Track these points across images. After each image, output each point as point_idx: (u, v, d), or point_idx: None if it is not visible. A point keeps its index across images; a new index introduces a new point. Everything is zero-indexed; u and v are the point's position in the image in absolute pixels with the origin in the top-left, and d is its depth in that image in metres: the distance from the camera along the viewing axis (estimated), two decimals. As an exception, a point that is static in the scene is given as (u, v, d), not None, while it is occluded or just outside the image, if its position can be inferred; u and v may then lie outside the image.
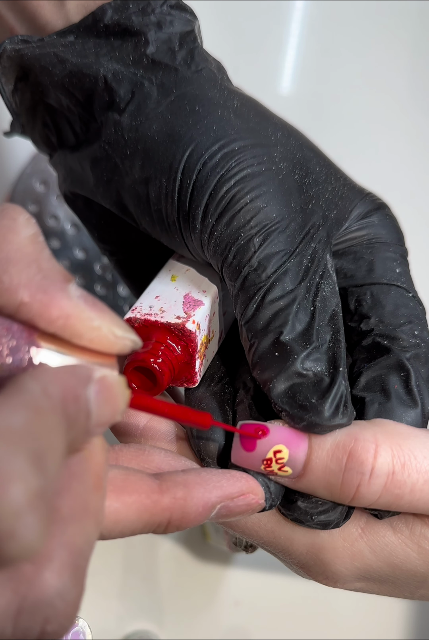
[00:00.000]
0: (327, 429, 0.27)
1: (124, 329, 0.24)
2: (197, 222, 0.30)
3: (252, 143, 0.31)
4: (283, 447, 0.27)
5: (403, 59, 0.65)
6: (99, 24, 0.32)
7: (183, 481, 0.26)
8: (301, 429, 0.27)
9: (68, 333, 0.23)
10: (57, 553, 0.20)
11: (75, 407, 0.21)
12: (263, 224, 0.29)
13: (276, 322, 0.28)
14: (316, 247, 0.30)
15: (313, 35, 0.63)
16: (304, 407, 0.27)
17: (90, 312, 0.23)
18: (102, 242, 0.38)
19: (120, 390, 0.23)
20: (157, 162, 0.31)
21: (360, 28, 0.64)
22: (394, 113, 0.64)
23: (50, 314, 0.22)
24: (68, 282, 0.23)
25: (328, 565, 0.29)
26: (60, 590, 0.20)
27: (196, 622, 0.56)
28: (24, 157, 0.59)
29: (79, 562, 0.21)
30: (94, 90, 0.32)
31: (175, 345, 0.30)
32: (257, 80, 0.62)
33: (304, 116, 0.60)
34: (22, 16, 0.33)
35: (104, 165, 0.33)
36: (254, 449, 0.27)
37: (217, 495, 0.26)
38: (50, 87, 0.33)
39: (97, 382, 0.22)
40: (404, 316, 0.31)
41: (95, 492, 0.22)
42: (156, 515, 0.25)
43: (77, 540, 0.21)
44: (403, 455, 0.27)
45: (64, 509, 0.21)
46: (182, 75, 0.32)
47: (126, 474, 0.25)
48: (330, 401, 0.27)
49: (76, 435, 0.21)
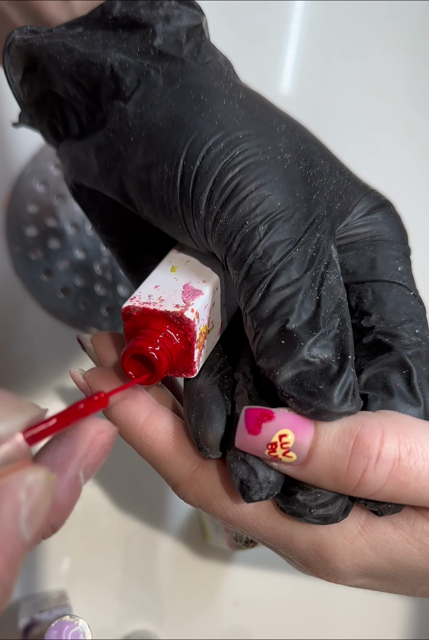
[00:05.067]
0: (335, 415, 0.27)
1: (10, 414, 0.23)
2: (201, 208, 0.30)
3: (257, 132, 0.31)
4: (289, 431, 0.27)
5: (403, 58, 0.65)
6: (107, 16, 0.33)
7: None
8: (308, 416, 0.27)
9: None
10: None
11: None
12: (268, 212, 0.29)
13: (282, 311, 0.28)
14: (321, 237, 0.30)
15: (313, 35, 0.64)
16: (312, 393, 0.27)
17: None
18: (104, 233, 0.38)
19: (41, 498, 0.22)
20: (160, 148, 0.31)
21: (360, 28, 0.64)
22: (393, 113, 0.64)
23: None
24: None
25: (328, 562, 0.29)
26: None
27: (196, 622, 0.56)
28: (24, 157, 0.60)
29: None
30: (101, 79, 0.32)
31: (173, 334, 0.30)
32: (257, 80, 0.62)
33: (304, 116, 0.60)
34: (26, 12, 0.34)
35: (107, 152, 0.33)
36: (259, 432, 0.27)
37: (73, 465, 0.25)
38: (57, 76, 0.33)
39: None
40: (405, 314, 0.31)
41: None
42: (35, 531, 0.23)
43: None
44: (409, 442, 0.26)
45: None
46: (189, 66, 0.32)
47: None
48: (339, 388, 0.27)
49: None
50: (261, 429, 0.27)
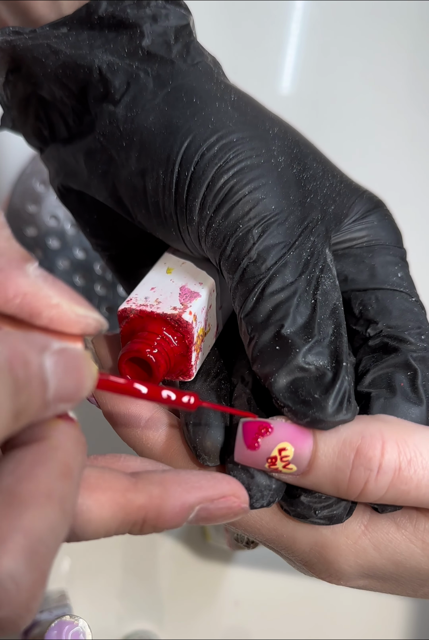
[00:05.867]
0: (331, 424, 0.27)
1: (86, 307, 0.23)
2: (195, 214, 0.30)
3: (251, 135, 0.30)
4: (288, 444, 0.27)
5: (403, 58, 0.65)
6: (93, 16, 0.32)
7: (160, 480, 0.25)
8: (304, 425, 0.27)
9: (26, 312, 0.22)
10: (12, 535, 0.19)
11: (24, 372, 0.20)
12: (262, 215, 0.29)
13: (277, 315, 0.28)
14: (315, 241, 0.30)
15: (313, 35, 0.63)
16: (307, 402, 0.26)
17: (49, 290, 0.22)
18: (94, 237, 0.38)
19: (84, 363, 0.22)
20: (154, 153, 0.31)
21: (360, 28, 0.64)
22: (394, 112, 0.64)
23: (6, 292, 0.22)
24: (26, 262, 0.22)
25: (331, 563, 0.29)
26: (12, 573, 0.19)
27: (196, 622, 0.56)
28: (24, 157, 0.59)
29: (37, 548, 0.20)
30: (89, 81, 0.32)
31: (171, 337, 0.30)
32: (257, 80, 0.62)
33: (304, 116, 0.60)
34: (15, 9, 0.33)
35: (98, 157, 0.32)
36: (258, 447, 0.27)
37: (196, 496, 0.25)
38: (43, 78, 0.32)
39: (55, 352, 0.21)
40: (411, 321, 0.31)
41: (63, 480, 0.21)
42: (131, 515, 0.24)
43: (36, 525, 0.20)
44: (409, 451, 0.26)
45: (24, 494, 0.20)
46: (179, 68, 0.32)
47: (100, 472, 0.24)
48: (334, 396, 0.26)
49: (29, 404, 0.20)
50: (260, 444, 0.27)
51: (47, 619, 0.46)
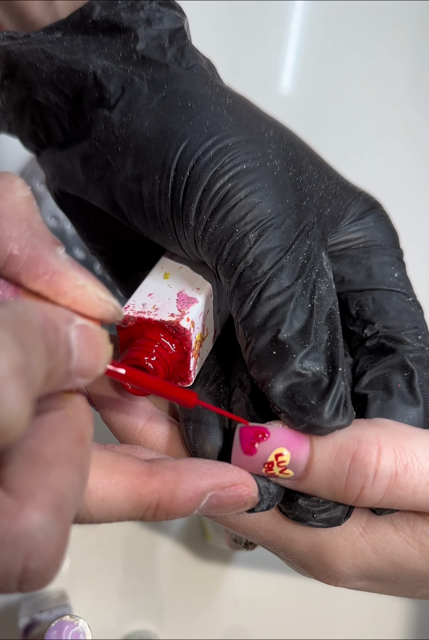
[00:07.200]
0: (327, 430, 0.27)
1: (107, 294, 0.24)
2: (191, 219, 0.30)
3: (246, 139, 0.30)
4: (285, 450, 0.27)
5: (403, 59, 0.65)
6: (87, 20, 0.32)
7: (174, 466, 0.26)
8: (301, 431, 0.27)
9: (53, 290, 0.23)
10: (40, 491, 0.21)
11: (55, 337, 0.21)
12: (258, 219, 0.29)
13: (273, 320, 0.28)
14: (312, 245, 0.30)
15: (313, 35, 0.63)
16: (303, 408, 0.26)
17: (76, 272, 0.23)
18: (91, 241, 0.38)
19: (103, 340, 0.24)
20: (150, 158, 0.31)
21: (360, 28, 0.64)
22: (393, 113, 0.64)
23: (37, 268, 0.23)
24: (57, 245, 0.24)
25: (329, 565, 0.29)
26: (42, 525, 0.20)
27: (196, 622, 0.56)
28: (24, 157, 0.59)
29: (62, 505, 0.21)
30: (83, 86, 0.32)
31: (169, 344, 0.30)
32: (257, 80, 0.62)
33: (304, 116, 0.60)
34: (11, 12, 0.33)
35: (94, 162, 0.32)
36: (254, 452, 0.27)
37: (208, 482, 0.26)
38: (38, 83, 0.32)
39: (78, 326, 0.23)
40: (408, 321, 0.31)
41: (79, 446, 0.22)
42: (145, 497, 0.25)
43: (60, 484, 0.21)
44: (406, 456, 0.26)
45: (47, 455, 0.21)
46: (173, 72, 0.32)
47: (116, 455, 0.25)
48: (330, 402, 0.26)
49: (56, 369, 0.21)
50: (257, 449, 0.27)
51: (47, 619, 0.46)
